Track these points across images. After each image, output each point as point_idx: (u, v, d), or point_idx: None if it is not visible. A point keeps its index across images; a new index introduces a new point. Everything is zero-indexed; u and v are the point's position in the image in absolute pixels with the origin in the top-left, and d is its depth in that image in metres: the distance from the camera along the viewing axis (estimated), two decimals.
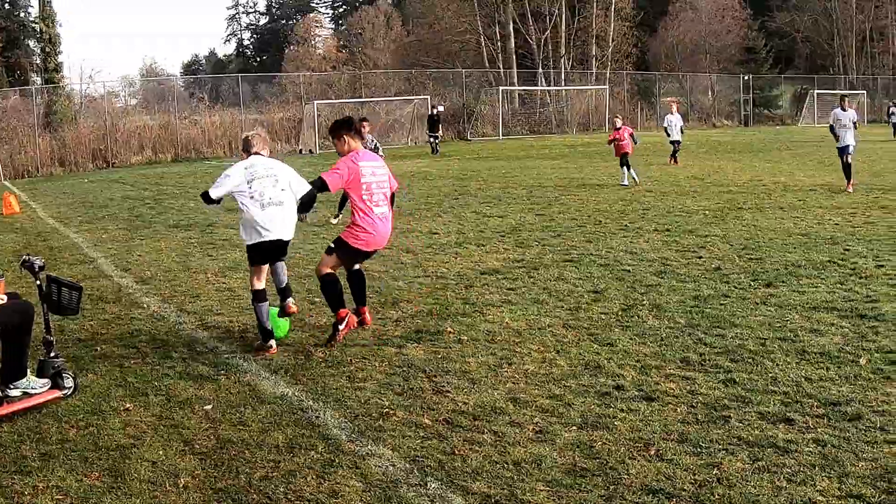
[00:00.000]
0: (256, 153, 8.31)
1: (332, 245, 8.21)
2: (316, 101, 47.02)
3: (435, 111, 41.56)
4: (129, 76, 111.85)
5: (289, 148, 46.26)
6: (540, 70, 61.87)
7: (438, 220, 16.40)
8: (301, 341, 8.25)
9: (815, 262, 11.15)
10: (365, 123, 15.00)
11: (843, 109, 19.41)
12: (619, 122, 23.04)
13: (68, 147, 41.26)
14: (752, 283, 10.00)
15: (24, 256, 6.96)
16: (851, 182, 19.07)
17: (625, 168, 21.74)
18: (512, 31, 62.25)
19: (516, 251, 12.69)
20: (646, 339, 7.84)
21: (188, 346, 8.19)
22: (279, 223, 8.01)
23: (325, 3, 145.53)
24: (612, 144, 22.54)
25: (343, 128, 8.37)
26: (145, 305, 10.06)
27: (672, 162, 27.68)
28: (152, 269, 12.37)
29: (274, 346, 8.02)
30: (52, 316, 6.96)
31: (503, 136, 51.64)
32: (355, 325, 8.22)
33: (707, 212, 16.25)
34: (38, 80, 48.31)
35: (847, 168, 19.13)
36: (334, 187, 8.11)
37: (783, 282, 10.00)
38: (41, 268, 6.89)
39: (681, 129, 28.09)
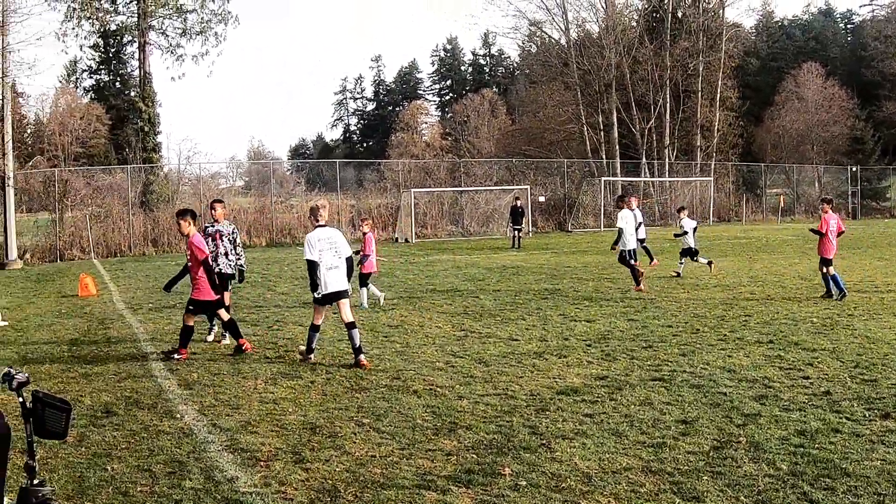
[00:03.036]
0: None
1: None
2: (414, 189, 46.76)
3: (519, 203, 39.97)
4: (235, 157, 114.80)
5: (385, 235, 45.88)
6: (643, 160, 60.96)
7: (522, 323, 15.35)
8: (335, 475, 7.27)
9: None
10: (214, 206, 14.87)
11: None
12: (365, 228, 18.41)
13: (161, 227, 41.64)
14: (866, 413, 8.70)
15: (6, 369, 6.06)
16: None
17: (363, 288, 17.89)
18: (615, 120, 61.61)
19: (601, 365, 11.52)
20: (740, 493, 6.54)
21: (206, 474, 7.23)
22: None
23: (431, 90, 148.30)
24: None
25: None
26: (179, 415, 9.30)
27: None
28: (200, 371, 11.67)
29: (313, 357, 12.12)
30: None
31: (605, 227, 50.55)
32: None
33: (815, 319, 14.92)
34: (139, 158, 49.41)
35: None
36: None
37: None
38: (22, 384, 5.95)
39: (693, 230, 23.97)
